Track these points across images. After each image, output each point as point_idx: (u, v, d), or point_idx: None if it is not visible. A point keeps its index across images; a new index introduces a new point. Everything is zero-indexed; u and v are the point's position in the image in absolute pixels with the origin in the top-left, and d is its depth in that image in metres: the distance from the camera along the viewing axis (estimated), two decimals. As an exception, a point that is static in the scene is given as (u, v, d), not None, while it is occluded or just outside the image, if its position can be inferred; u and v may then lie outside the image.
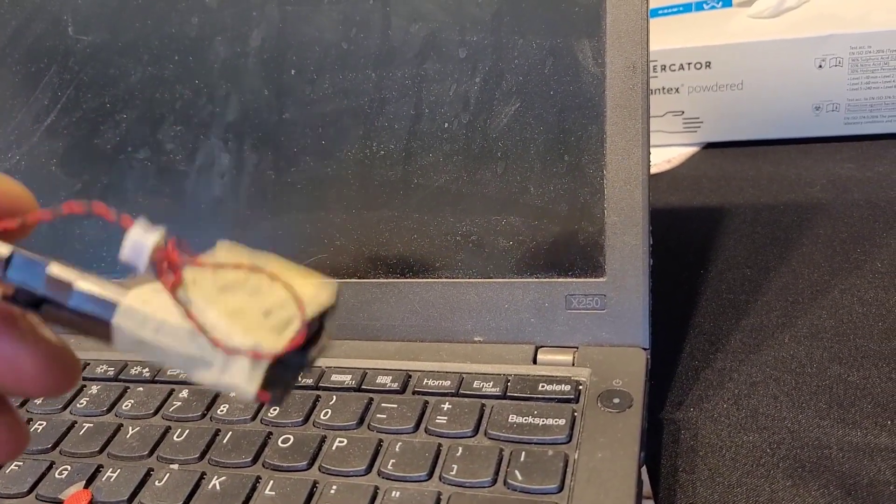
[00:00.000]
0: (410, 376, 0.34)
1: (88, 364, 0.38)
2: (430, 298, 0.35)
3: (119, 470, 0.32)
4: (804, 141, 0.56)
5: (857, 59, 0.52)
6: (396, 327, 0.36)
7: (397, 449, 0.30)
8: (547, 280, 0.34)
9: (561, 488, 0.27)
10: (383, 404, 0.32)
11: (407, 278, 0.36)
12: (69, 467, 0.32)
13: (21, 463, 0.33)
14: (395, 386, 0.33)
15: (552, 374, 0.32)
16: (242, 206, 0.38)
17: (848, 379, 0.34)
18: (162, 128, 0.39)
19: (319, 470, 0.30)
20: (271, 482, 0.30)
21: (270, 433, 0.32)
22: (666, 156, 0.57)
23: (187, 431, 0.33)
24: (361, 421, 0.32)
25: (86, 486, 0.31)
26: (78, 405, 0.36)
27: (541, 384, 0.32)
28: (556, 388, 0.31)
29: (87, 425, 0.34)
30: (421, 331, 0.35)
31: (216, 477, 0.30)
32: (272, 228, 0.38)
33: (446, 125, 0.35)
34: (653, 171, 0.55)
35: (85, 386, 0.37)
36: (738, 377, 0.35)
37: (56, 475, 0.32)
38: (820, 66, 0.53)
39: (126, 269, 0.16)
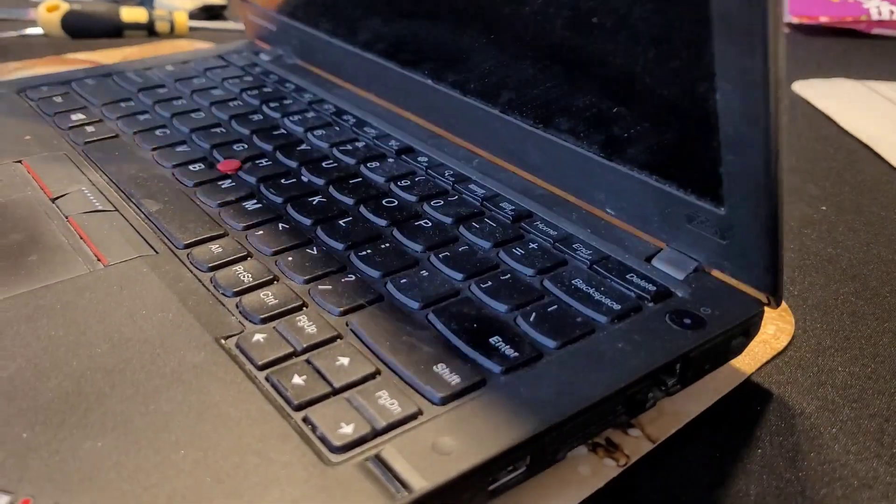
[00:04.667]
0: (531, 215, 0.32)
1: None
2: (566, 158, 0.32)
3: (270, 163, 0.36)
4: None
5: None
6: (546, 170, 0.34)
7: (459, 250, 0.30)
8: (666, 188, 0.29)
9: (557, 348, 0.25)
10: (486, 220, 0.32)
11: (549, 134, 0.32)
12: (244, 146, 0.38)
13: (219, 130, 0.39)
14: (511, 214, 0.32)
15: (650, 274, 0.29)
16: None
17: None
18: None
19: (391, 231, 0.31)
20: (347, 219, 0.32)
21: (387, 193, 0.34)
22: None
23: (334, 164, 0.36)
24: (457, 221, 0.32)
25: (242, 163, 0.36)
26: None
27: (630, 274, 0.28)
28: (641, 283, 0.28)
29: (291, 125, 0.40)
30: (564, 183, 0.33)
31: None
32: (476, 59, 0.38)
33: None
34: None
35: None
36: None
37: (233, 147, 0.38)
38: None
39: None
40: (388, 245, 0.30)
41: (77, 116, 0.41)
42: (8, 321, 0.26)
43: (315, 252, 0.29)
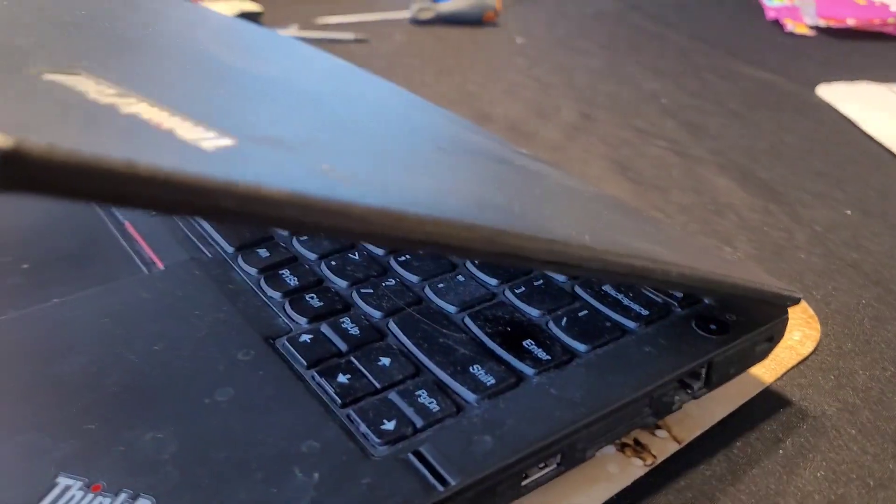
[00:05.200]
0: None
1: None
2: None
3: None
4: None
5: None
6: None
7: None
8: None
9: (587, 351, 0.26)
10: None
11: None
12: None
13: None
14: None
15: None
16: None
17: None
18: None
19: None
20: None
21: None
22: None
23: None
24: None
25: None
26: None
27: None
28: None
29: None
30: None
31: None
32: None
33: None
34: None
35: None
36: None
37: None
38: None
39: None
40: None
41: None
42: (73, 320, 0.27)
43: (357, 257, 0.31)
